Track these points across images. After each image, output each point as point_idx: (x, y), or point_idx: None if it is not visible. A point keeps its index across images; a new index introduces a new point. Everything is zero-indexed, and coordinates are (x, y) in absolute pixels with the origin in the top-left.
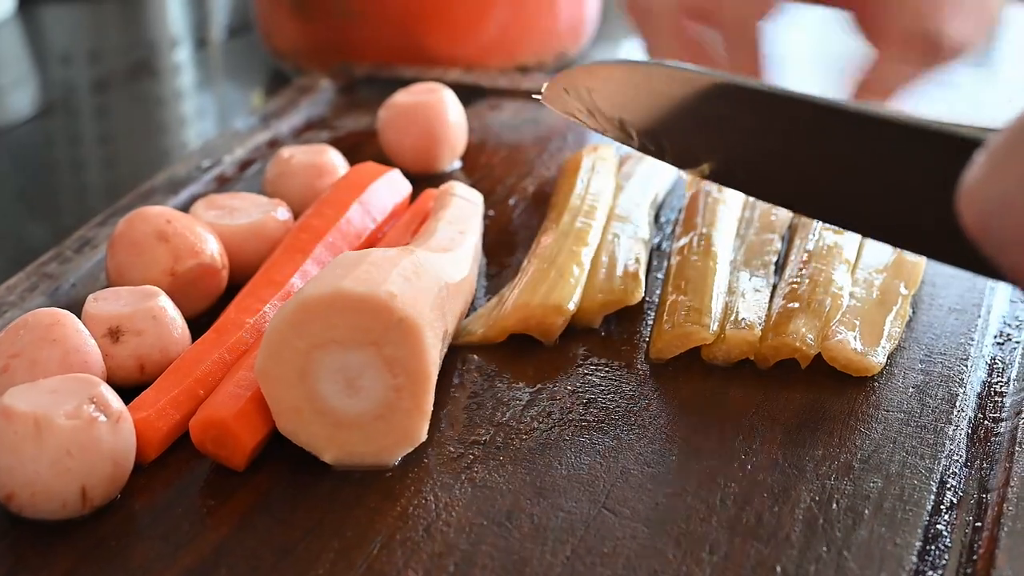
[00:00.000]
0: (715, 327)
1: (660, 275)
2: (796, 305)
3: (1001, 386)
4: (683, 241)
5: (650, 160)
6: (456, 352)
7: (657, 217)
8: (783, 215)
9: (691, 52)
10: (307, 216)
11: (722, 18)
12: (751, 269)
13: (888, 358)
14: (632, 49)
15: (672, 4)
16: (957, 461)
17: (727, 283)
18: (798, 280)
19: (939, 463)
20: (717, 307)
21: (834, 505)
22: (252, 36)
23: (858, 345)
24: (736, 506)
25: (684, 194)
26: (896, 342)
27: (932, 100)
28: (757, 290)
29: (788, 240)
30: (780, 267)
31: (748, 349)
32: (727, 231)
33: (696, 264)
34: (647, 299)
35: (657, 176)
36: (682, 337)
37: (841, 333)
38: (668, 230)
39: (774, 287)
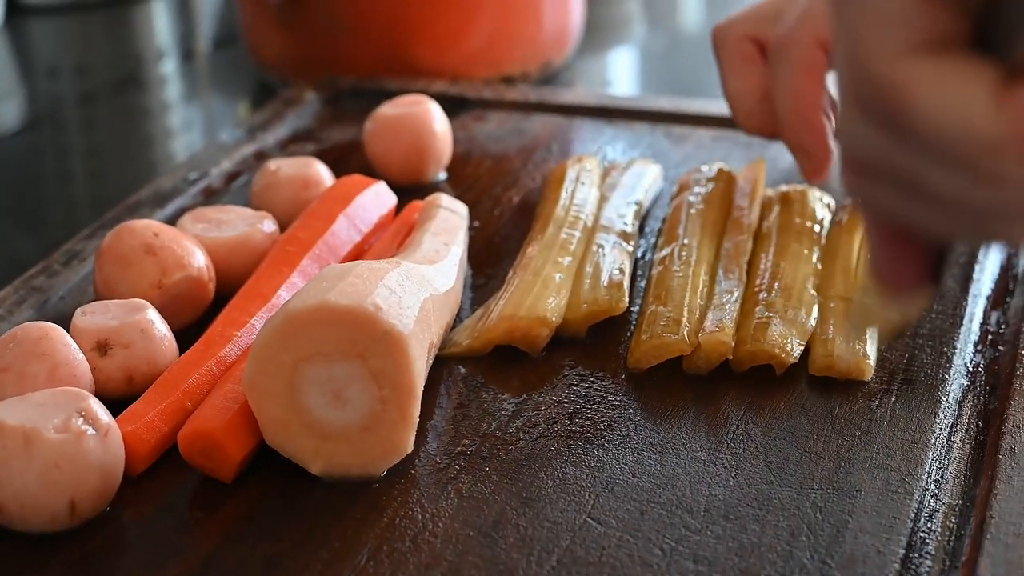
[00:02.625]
0: (692, 337)
1: (644, 285)
2: (771, 313)
3: (984, 393)
4: (664, 252)
5: (634, 170)
6: (442, 363)
7: (642, 227)
8: (753, 215)
9: (755, 79)
10: (293, 228)
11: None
12: (726, 276)
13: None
14: (618, 59)
15: (740, 32)
16: (940, 469)
17: (705, 292)
18: (770, 284)
19: (922, 471)
20: (695, 317)
21: (818, 513)
22: (238, 48)
23: (847, 349)
24: (721, 515)
25: (668, 204)
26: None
27: None
28: (730, 293)
29: (756, 239)
30: (750, 267)
31: (725, 351)
32: (707, 241)
33: (676, 274)
34: (632, 309)
35: (641, 186)
36: (659, 348)
37: (828, 339)
38: (652, 240)
39: (746, 290)
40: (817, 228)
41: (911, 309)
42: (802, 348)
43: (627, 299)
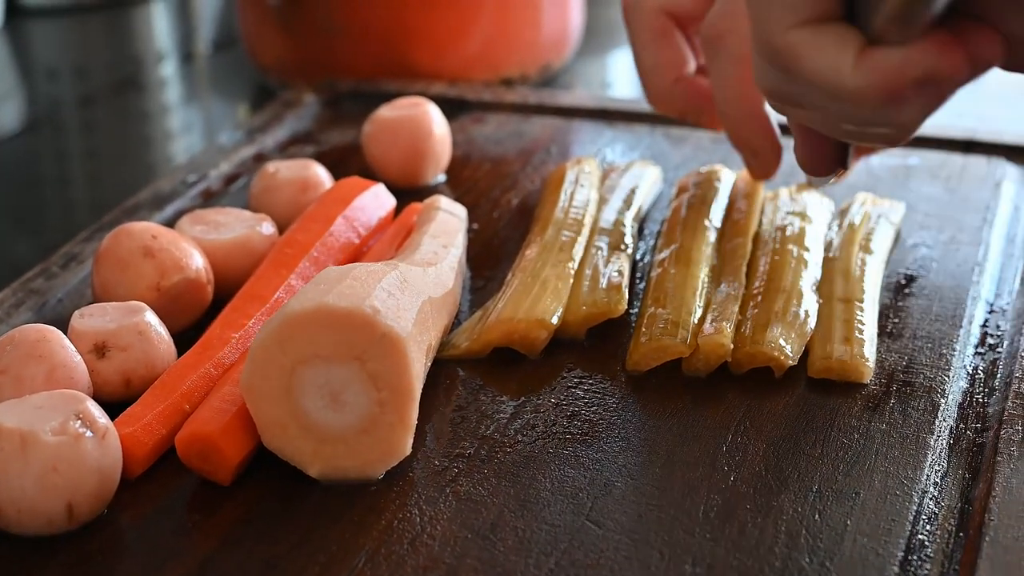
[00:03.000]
0: (691, 339)
1: (643, 287)
2: (770, 315)
3: (983, 396)
4: (664, 254)
5: (633, 172)
6: (440, 365)
7: (641, 229)
8: (753, 220)
9: (670, 55)
10: (292, 231)
11: (699, 28)
12: (725, 278)
13: None
14: (617, 61)
15: (655, 3)
16: (939, 471)
17: (705, 295)
18: (769, 286)
19: (921, 473)
20: (694, 319)
21: (816, 516)
22: (237, 51)
23: (846, 351)
24: (719, 517)
25: (667, 206)
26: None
27: None
28: (729, 295)
29: (755, 241)
30: (749, 270)
31: (724, 353)
32: (706, 243)
33: (674, 276)
34: (631, 311)
35: (640, 188)
36: (658, 350)
37: (828, 342)
38: (651, 242)
39: (745, 292)
40: (816, 230)
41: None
42: (801, 350)
43: (626, 301)
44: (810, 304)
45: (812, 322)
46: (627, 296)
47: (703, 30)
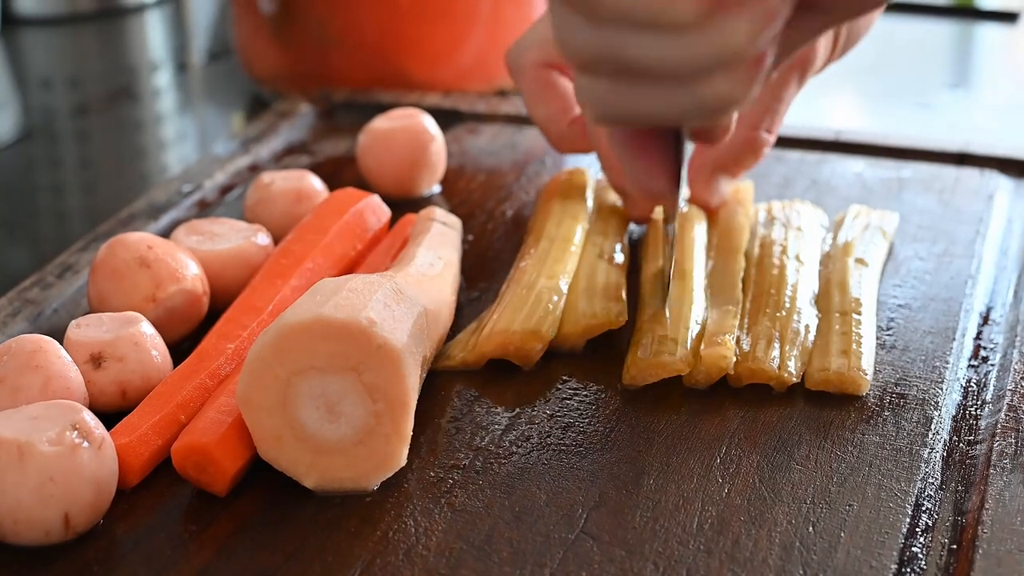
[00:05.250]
0: (690, 356)
1: (635, 299)
2: (773, 331)
3: (976, 409)
4: (656, 266)
5: None
6: (435, 377)
7: (632, 240)
8: (745, 234)
9: (559, 103)
10: (287, 242)
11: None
12: (722, 292)
13: None
14: None
15: (535, 59)
16: (932, 484)
17: (702, 310)
18: (767, 301)
19: (914, 486)
20: (691, 336)
21: (810, 528)
22: (232, 61)
23: (843, 364)
24: (713, 529)
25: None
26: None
27: (911, 122)
28: (728, 310)
29: (747, 259)
30: (745, 284)
31: (725, 368)
32: (697, 257)
33: (670, 290)
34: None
35: None
36: (657, 366)
37: (826, 355)
38: (645, 254)
39: (744, 307)
40: (810, 243)
41: (666, 211)
42: (803, 367)
43: (627, 313)
44: (810, 319)
45: (812, 337)
46: (626, 308)
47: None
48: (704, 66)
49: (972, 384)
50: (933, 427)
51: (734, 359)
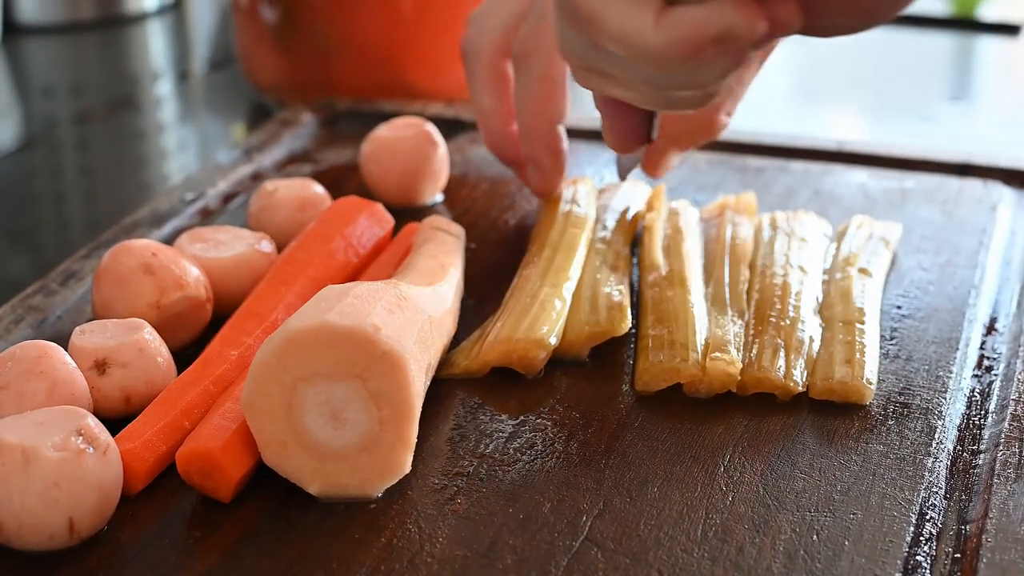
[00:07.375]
0: (702, 362)
1: (638, 306)
2: (778, 340)
3: (980, 418)
4: (655, 275)
5: (628, 192)
6: (439, 384)
7: (634, 248)
8: (749, 244)
9: (507, 102)
10: (291, 249)
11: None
12: (726, 300)
13: None
14: None
15: (495, 46)
16: (936, 493)
17: (706, 317)
18: (773, 311)
19: (918, 495)
20: (700, 341)
21: (814, 536)
22: (234, 69)
23: (847, 373)
24: (718, 537)
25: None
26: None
27: (913, 135)
28: (733, 319)
29: (752, 269)
30: (749, 293)
31: (729, 381)
32: (696, 264)
33: (673, 299)
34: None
35: (635, 207)
36: (670, 372)
37: (829, 364)
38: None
39: (748, 316)
40: (814, 253)
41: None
42: (807, 376)
43: (629, 321)
44: (814, 329)
45: (816, 347)
46: (630, 315)
47: (514, 48)
48: (682, 92)
49: (976, 394)
50: (937, 436)
51: (739, 371)
